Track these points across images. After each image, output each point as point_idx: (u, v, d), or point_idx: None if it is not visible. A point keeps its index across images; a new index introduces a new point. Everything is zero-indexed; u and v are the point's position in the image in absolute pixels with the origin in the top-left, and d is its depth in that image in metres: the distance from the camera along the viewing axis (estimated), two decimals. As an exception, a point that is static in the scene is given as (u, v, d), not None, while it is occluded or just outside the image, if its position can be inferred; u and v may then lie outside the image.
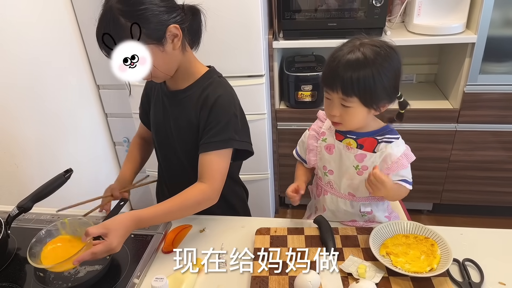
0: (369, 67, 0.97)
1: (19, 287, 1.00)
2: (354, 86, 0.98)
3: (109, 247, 0.92)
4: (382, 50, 0.99)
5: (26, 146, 1.67)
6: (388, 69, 0.99)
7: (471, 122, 2.06)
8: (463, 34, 1.93)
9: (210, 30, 1.83)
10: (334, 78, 1.00)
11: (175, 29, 0.99)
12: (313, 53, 2.28)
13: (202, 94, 1.11)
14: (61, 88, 1.88)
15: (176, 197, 1.06)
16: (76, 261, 0.91)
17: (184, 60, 1.09)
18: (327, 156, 1.15)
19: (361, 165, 1.10)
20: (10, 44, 1.58)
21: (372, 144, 1.09)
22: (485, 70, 1.94)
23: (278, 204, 2.52)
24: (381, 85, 0.99)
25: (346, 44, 1.03)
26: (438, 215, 2.43)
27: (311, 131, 1.22)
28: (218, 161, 1.09)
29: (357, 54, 0.98)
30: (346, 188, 1.15)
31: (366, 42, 1.01)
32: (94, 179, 2.16)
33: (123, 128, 2.32)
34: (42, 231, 1.04)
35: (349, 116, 1.04)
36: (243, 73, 1.94)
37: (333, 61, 1.01)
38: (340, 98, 1.01)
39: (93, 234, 0.94)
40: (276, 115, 2.19)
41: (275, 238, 1.07)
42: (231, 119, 1.09)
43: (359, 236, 1.07)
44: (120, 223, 0.97)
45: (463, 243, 1.04)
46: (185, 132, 1.16)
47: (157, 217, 1.04)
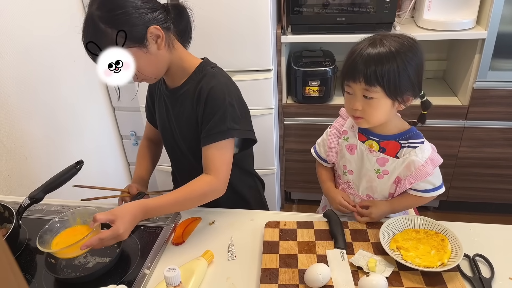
0: (392, 56, 0.96)
1: (31, 276, 1.01)
2: (377, 75, 0.96)
3: (116, 233, 0.93)
4: (405, 41, 0.98)
5: (35, 138, 1.68)
6: (412, 59, 0.97)
7: (480, 119, 2.05)
8: (473, 30, 1.92)
9: (219, 25, 1.85)
10: (356, 69, 0.98)
11: (156, 30, 0.99)
12: (321, 48, 2.28)
13: (197, 87, 1.10)
14: (69, 81, 1.88)
15: (183, 188, 1.06)
16: (84, 245, 0.92)
17: (174, 57, 1.08)
18: (348, 156, 1.14)
19: (382, 169, 1.08)
20: (19, 33, 1.58)
21: (395, 148, 1.07)
22: (494, 67, 1.93)
23: (283, 199, 2.53)
24: (405, 74, 0.97)
25: (366, 38, 1.02)
26: (444, 212, 2.42)
27: (332, 129, 1.19)
28: (220, 153, 1.08)
29: (380, 44, 0.97)
30: (364, 190, 1.14)
31: (388, 34, 1.00)
32: (102, 172, 2.18)
33: (130, 121, 2.32)
34: (55, 218, 1.04)
35: (372, 109, 1.01)
36: (251, 68, 1.94)
37: (353, 53, 1.00)
38: (363, 89, 0.99)
39: (101, 220, 0.94)
40: (283, 110, 2.18)
41: (284, 231, 1.07)
42: (226, 109, 1.07)
43: (369, 230, 1.07)
44: (128, 211, 0.97)
45: (474, 238, 1.04)
46: (186, 128, 1.16)
47: (164, 207, 1.05)
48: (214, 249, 1.03)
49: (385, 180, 1.09)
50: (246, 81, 1.92)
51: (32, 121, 1.66)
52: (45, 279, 0.99)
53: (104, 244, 0.94)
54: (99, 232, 0.95)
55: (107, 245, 0.96)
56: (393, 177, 1.09)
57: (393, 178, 1.09)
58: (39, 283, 0.98)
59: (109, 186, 1.25)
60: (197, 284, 0.94)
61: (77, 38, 1.00)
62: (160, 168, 2.27)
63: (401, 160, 1.06)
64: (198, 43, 1.19)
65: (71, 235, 1.02)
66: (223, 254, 1.04)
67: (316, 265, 0.92)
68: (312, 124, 2.19)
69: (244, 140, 1.17)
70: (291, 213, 1.19)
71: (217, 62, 1.20)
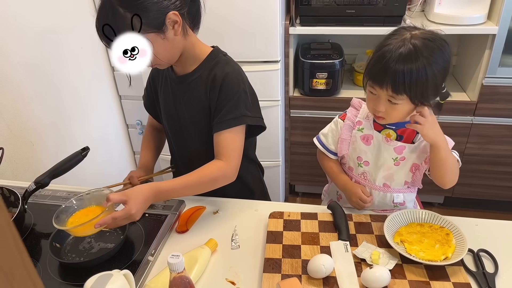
0: (422, 64, 0.93)
1: (35, 260, 1.02)
2: (405, 84, 0.94)
3: (128, 213, 0.94)
4: (436, 43, 0.95)
5: (41, 125, 1.69)
6: (440, 64, 0.95)
7: (488, 116, 2.02)
8: (484, 25, 1.89)
9: (228, 15, 1.84)
10: (385, 75, 0.95)
11: (175, 16, 0.99)
12: (329, 41, 2.26)
13: (210, 74, 1.11)
14: (76, 69, 1.88)
15: (194, 172, 1.06)
16: (98, 224, 0.93)
17: (187, 44, 1.08)
18: (364, 147, 1.13)
19: (399, 156, 1.09)
20: (28, 18, 1.58)
21: (412, 134, 1.08)
22: (505, 63, 1.90)
23: (288, 192, 2.53)
24: (433, 82, 0.96)
25: (394, 35, 0.98)
26: (449, 209, 2.41)
27: (346, 120, 1.17)
28: (233, 138, 1.09)
29: (409, 48, 0.94)
30: (381, 179, 1.14)
31: (417, 34, 0.96)
32: (108, 160, 2.18)
33: (136, 110, 2.32)
34: (72, 200, 1.05)
35: (395, 112, 1.01)
36: (258, 59, 1.93)
37: (382, 55, 0.96)
38: (389, 95, 0.98)
39: (114, 200, 0.95)
40: (290, 102, 2.17)
41: (288, 222, 1.07)
42: (241, 96, 1.09)
43: (373, 223, 1.07)
44: (140, 192, 0.98)
45: (478, 234, 1.03)
46: (197, 115, 1.16)
47: (175, 191, 1.05)
48: (218, 238, 1.04)
49: (401, 166, 1.09)
50: (253, 72, 1.91)
51: (39, 107, 1.67)
52: (50, 263, 1.00)
53: (117, 224, 0.96)
54: (112, 212, 0.96)
55: (119, 225, 0.97)
56: (409, 163, 1.09)
57: (409, 164, 1.09)
58: (44, 267, 0.99)
59: (113, 174, 1.26)
60: (200, 272, 0.95)
61: (86, 25, 0.99)
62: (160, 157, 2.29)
63: (417, 144, 1.06)
64: (206, 33, 1.18)
65: (85, 215, 1.03)
66: (227, 243, 1.05)
67: (319, 256, 0.92)
68: (318, 117, 2.17)
69: (252, 128, 1.17)
70: (296, 204, 1.19)
71: (225, 51, 1.20)
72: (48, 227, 1.08)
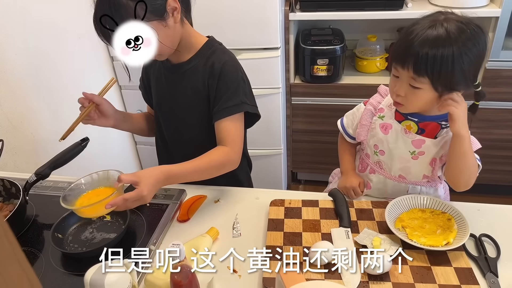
0: (450, 46, 0.88)
1: (38, 251, 1.03)
2: (428, 65, 0.89)
3: (140, 195, 0.93)
4: (469, 28, 0.90)
5: (41, 116, 1.68)
6: (471, 51, 0.90)
7: (491, 100, 2.00)
8: (487, 7, 1.86)
9: (227, 1, 1.81)
10: (407, 53, 0.91)
11: (173, 2, 0.98)
12: (330, 26, 2.23)
13: (207, 63, 1.10)
14: (75, 59, 1.87)
15: (202, 157, 1.06)
16: (109, 204, 0.92)
17: (184, 32, 1.07)
18: (381, 135, 1.10)
19: (418, 150, 1.05)
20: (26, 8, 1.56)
21: (435, 129, 1.03)
22: (508, 46, 1.88)
23: (290, 180, 2.53)
24: (459, 68, 0.89)
25: (427, 17, 0.94)
26: (451, 194, 2.39)
27: (368, 105, 1.14)
28: (235, 125, 1.10)
29: (439, 29, 0.89)
30: (397, 170, 1.11)
31: (451, 17, 0.92)
32: (109, 151, 2.18)
33: (136, 100, 2.31)
34: (81, 180, 1.05)
35: (415, 98, 0.96)
36: (258, 46, 1.91)
37: (409, 34, 0.92)
38: (410, 77, 0.93)
39: (125, 180, 0.94)
40: (291, 90, 2.16)
41: (289, 210, 1.07)
42: (240, 83, 1.10)
43: (374, 209, 1.06)
44: (151, 174, 0.97)
45: (480, 219, 1.03)
46: (194, 103, 1.16)
47: (185, 174, 1.04)
48: (219, 226, 1.04)
49: (420, 161, 1.06)
50: (253, 60, 1.89)
51: (38, 99, 1.66)
52: (52, 254, 1.00)
53: (127, 206, 0.94)
54: (122, 193, 0.95)
55: (130, 207, 0.96)
56: (429, 158, 1.06)
57: (429, 159, 1.06)
58: (46, 258, 1.00)
59: (114, 164, 1.25)
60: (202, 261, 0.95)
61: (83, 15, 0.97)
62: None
63: (438, 140, 1.02)
64: (205, 20, 1.17)
65: (95, 196, 1.02)
66: (228, 231, 1.05)
67: (321, 243, 0.92)
68: (320, 104, 2.15)
69: (247, 118, 1.16)
70: (297, 192, 1.19)
71: (223, 39, 1.19)
72: (50, 218, 1.09)
